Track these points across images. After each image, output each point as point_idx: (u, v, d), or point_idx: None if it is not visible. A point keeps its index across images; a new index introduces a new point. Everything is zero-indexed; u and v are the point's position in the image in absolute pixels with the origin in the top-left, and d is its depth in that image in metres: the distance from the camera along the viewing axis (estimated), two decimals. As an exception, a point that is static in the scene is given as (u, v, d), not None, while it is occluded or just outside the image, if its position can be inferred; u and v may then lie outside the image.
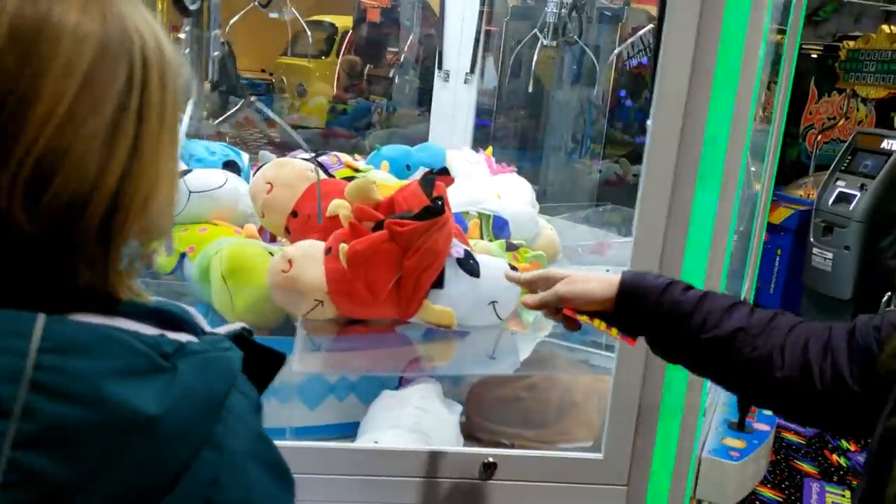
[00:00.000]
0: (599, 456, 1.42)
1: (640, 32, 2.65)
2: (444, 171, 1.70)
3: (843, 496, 3.22)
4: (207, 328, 0.81)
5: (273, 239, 2.16)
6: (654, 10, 4.96)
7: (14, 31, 0.67)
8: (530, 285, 1.31)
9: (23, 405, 0.63)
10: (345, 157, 2.43)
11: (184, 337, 0.74)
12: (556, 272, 1.28)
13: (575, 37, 2.82)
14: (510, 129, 4.56)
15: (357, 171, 2.34)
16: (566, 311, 1.23)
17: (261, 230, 2.13)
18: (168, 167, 0.76)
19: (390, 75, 5.45)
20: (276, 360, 0.86)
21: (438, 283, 1.64)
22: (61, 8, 0.69)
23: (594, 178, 3.85)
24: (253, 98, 2.27)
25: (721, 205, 1.31)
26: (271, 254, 1.81)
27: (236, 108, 2.27)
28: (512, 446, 1.75)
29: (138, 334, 0.70)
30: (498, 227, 2.20)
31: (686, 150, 1.29)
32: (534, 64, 2.99)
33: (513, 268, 1.73)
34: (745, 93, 1.27)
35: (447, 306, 1.64)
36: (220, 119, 2.33)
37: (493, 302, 1.67)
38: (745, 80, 1.26)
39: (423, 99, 5.02)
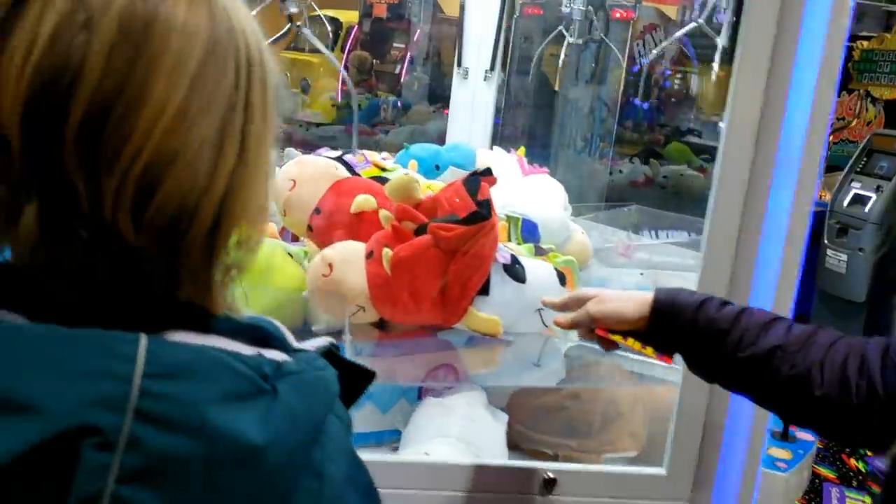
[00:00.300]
0: (662, 471, 1.37)
1: (683, 31, 2.54)
2: (488, 172, 1.64)
3: (863, 502, 3.18)
4: (296, 344, 0.76)
5: (295, 239, 2.10)
6: (665, 9, 4.92)
7: (123, 27, 0.62)
8: (563, 307, 1.30)
9: (128, 436, 0.58)
10: (372, 156, 2.37)
11: (279, 355, 0.70)
12: (587, 292, 1.26)
13: (601, 34, 2.77)
14: (518, 128, 4.51)
15: (384, 170, 2.28)
16: (599, 332, 1.22)
17: (282, 231, 2.07)
18: (267, 169, 0.72)
19: (396, 71, 5.39)
20: (363, 377, 0.82)
21: (484, 289, 1.58)
22: (169, 3, 0.64)
23: (614, 177, 3.79)
24: (299, 23, 2.24)
25: (795, 212, 1.26)
26: (290, 255, 1.75)
27: (282, 31, 2.23)
28: (555, 456, 1.70)
29: (240, 355, 0.65)
30: (527, 230, 2.14)
31: (761, 151, 1.23)
32: (560, 62, 2.94)
33: (560, 275, 1.67)
34: (825, 93, 1.22)
35: (493, 314, 1.58)
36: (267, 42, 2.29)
37: (540, 309, 1.62)
38: (825, 80, 1.21)
39: (433, 95, 4.96)
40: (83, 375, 0.59)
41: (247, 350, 0.67)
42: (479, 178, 1.58)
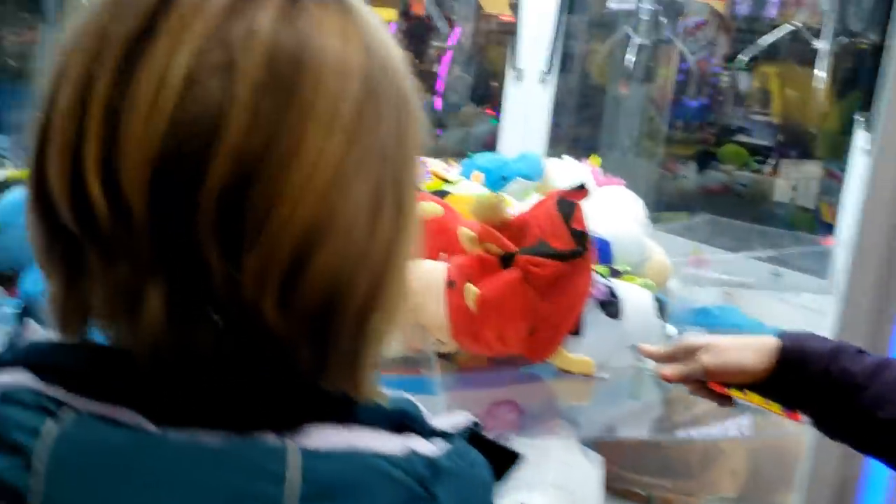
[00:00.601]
0: (792, 528, 1.24)
1: (778, 34, 2.31)
2: (581, 187, 1.50)
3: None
4: (433, 423, 0.65)
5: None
6: (715, 4, 4.76)
7: (271, 66, 0.49)
8: (669, 358, 1.16)
9: None
10: (432, 166, 2.24)
11: (429, 448, 0.58)
12: (696, 341, 1.12)
13: (669, 35, 2.64)
14: (563, 129, 4.36)
15: (446, 181, 2.16)
16: (714, 387, 1.08)
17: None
18: (418, 219, 0.60)
19: (433, 70, 5.27)
20: (508, 459, 0.71)
21: (576, 328, 1.45)
22: (320, 33, 0.52)
23: (679, 182, 3.63)
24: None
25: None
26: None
27: None
28: (649, 498, 1.58)
29: (393, 458, 0.54)
30: (599, 249, 2.00)
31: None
32: (630, 63, 2.81)
33: (659, 304, 1.53)
34: None
35: (585, 353, 1.45)
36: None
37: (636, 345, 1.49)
38: None
39: (476, 96, 4.83)
40: (227, 501, 0.48)
41: (395, 444, 0.56)
42: (574, 203, 1.43)
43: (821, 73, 2.27)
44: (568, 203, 1.45)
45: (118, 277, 0.50)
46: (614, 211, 2.07)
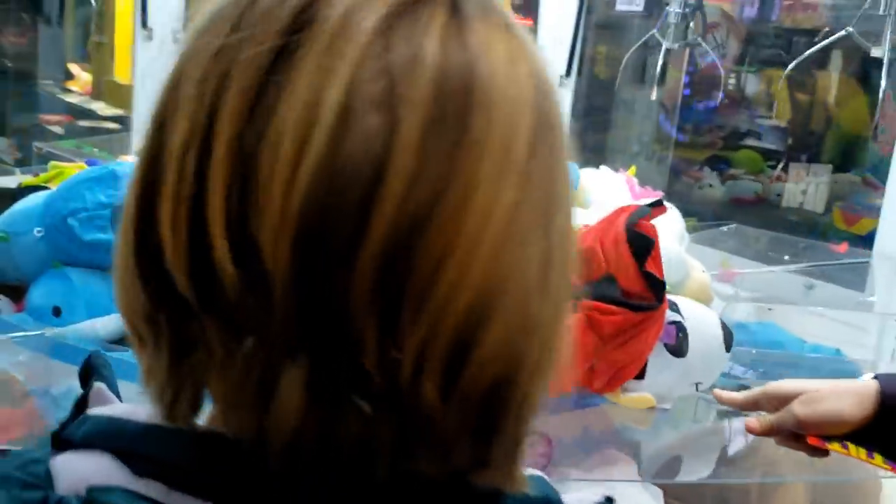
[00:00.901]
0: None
1: (831, 39, 2.20)
2: (658, 204, 1.38)
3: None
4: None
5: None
6: (727, 7, 4.69)
7: (440, 96, 0.40)
8: (752, 407, 1.07)
9: None
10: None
11: None
12: (784, 388, 1.02)
13: (698, 38, 2.57)
14: (578, 135, 4.27)
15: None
16: (812, 441, 0.98)
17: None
18: None
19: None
20: None
21: (639, 374, 1.35)
22: (487, 56, 0.43)
23: (705, 192, 3.55)
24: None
25: None
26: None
27: None
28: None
29: None
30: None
31: None
32: (658, 68, 2.74)
33: (726, 334, 1.43)
34: None
35: (645, 392, 1.36)
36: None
37: (698, 383, 1.39)
38: None
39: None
40: None
41: None
42: (651, 241, 1.29)
43: (877, 81, 2.19)
44: (642, 238, 1.29)
45: (246, 355, 0.41)
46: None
